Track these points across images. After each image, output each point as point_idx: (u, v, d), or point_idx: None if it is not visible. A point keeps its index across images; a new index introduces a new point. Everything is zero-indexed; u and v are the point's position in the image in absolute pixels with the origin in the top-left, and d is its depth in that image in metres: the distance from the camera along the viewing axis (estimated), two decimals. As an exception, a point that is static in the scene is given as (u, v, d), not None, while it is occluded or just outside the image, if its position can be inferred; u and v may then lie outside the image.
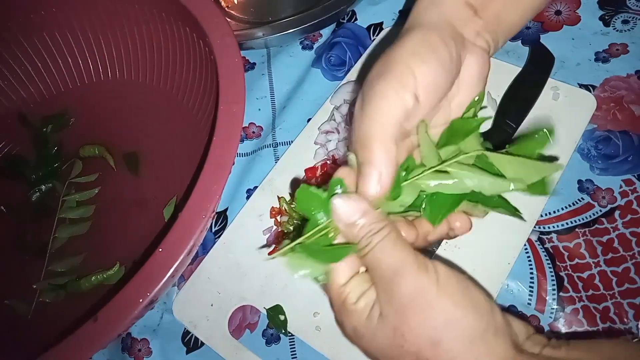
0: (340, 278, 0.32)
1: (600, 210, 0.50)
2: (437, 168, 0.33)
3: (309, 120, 0.62)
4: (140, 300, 0.38)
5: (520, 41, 0.60)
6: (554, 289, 0.47)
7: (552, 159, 0.32)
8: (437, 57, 0.33)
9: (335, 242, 0.33)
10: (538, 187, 0.32)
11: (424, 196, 0.34)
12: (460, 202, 0.33)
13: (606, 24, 0.59)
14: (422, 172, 0.33)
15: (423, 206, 0.34)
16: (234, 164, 0.43)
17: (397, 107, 0.32)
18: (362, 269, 0.33)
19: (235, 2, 0.76)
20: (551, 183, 0.32)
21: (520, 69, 0.57)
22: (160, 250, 0.40)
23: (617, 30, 0.59)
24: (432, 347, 0.29)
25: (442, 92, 0.34)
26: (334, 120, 0.59)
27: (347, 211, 0.31)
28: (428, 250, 0.50)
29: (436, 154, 0.33)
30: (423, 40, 0.34)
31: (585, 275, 0.48)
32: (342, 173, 0.33)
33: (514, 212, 0.34)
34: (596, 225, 0.50)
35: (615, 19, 0.59)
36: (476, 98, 0.36)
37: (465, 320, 0.29)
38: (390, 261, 0.30)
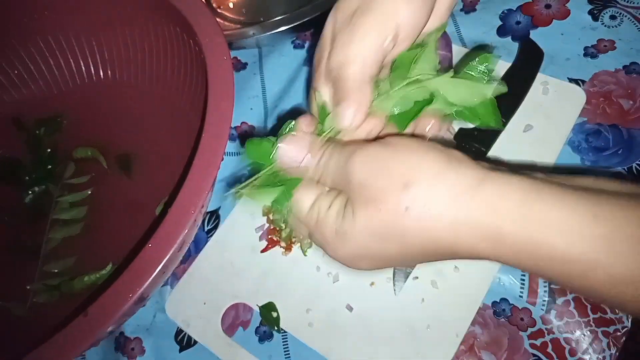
0: (305, 204, 0.32)
1: (591, 203, 0.50)
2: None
3: (300, 118, 0.62)
4: (130, 296, 0.38)
5: (510, 37, 0.60)
6: (545, 281, 0.48)
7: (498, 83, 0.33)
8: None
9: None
10: (487, 117, 0.33)
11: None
12: (424, 106, 0.33)
13: (595, 18, 0.60)
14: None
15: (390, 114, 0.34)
16: (223, 159, 0.43)
17: (378, 46, 0.31)
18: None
19: (231, 4, 0.77)
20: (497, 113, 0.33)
21: (510, 64, 0.57)
22: (149, 245, 0.40)
23: (605, 26, 0.59)
24: (405, 192, 0.28)
25: (420, 30, 0.34)
26: (325, 117, 0.59)
27: (291, 156, 0.32)
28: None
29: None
30: None
31: (576, 267, 0.48)
32: (300, 119, 0.34)
33: (494, 118, 0.34)
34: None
35: (604, 14, 0.60)
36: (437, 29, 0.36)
37: (426, 158, 0.29)
38: (343, 155, 0.31)
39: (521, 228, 0.27)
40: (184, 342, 0.52)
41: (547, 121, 0.55)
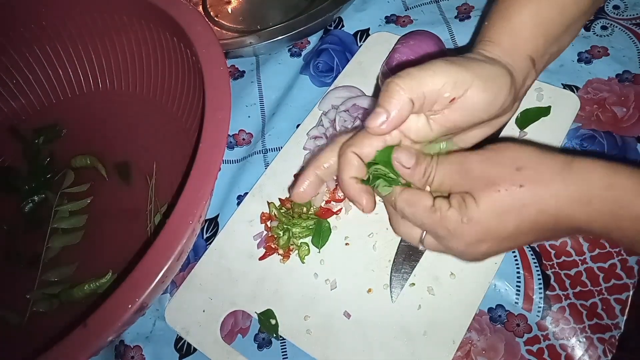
0: (428, 201, 0.37)
1: (586, 208, 0.51)
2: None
3: (298, 126, 0.62)
4: (130, 306, 0.39)
5: (504, 44, 0.61)
6: (540, 288, 0.48)
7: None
8: (493, 96, 0.38)
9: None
10: None
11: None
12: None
13: (587, 28, 0.61)
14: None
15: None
16: (220, 169, 0.44)
17: (435, 85, 0.36)
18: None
19: (229, 11, 0.77)
20: None
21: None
22: (149, 255, 0.40)
23: (597, 35, 0.60)
24: (518, 173, 0.35)
25: (475, 120, 0.39)
26: (322, 125, 0.60)
27: (403, 161, 0.38)
28: (418, 250, 0.51)
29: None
30: (495, 74, 0.38)
31: (572, 272, 0.49)
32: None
33: None
34: (582, 222, 0.50)
35: (595, 24, 0.60)
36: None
37: (526, 150, 0.36)
38: (453, 160, 0.38)
39: (608, 193, 0.34)
40: (184, 349, 0.53)
41: (541, 127, 0.55)
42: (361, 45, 0.68)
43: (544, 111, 0.55)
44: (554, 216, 0.35)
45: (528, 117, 0.55)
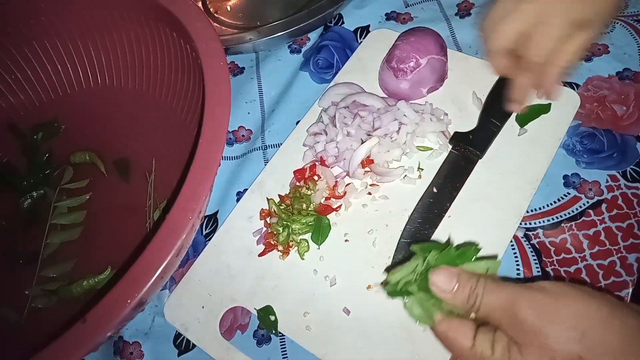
0: (466, 341, 0.35)
1: (588, 202, 0.51)
2: None
3: (297, 122, 0.62)
4: (129, 302, 0.39)
5: (504, 41, 0.61)
6: (540, 284, 0.48)
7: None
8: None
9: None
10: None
11: None
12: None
13: (587, 24, 0.60)
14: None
15: None
16: (219, 164, 0.43)
17: None
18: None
19: (228, 8, 0.77)
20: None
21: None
22: (148, 250, 0.40)
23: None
24: (582, 340, 0.31)
25: None
26: (322, 122, 0.60)
27: (442, 284, 0.35)
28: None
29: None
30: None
31: (572, 269, 0.49)
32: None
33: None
34: (583, 218, 0.51)
35: (596, 20, 0.60)
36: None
37: (592, 306, 0.32)
38: (503, 296, 0.34)
39: None
40: (183, 346, 0.53)
41: (541, 124, 0.55)
42: (361, 42, 0.67)
43: (544, 108, 0.55)
44: None
45: (528, 115, 0.55)
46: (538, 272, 0.49)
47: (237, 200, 0.59)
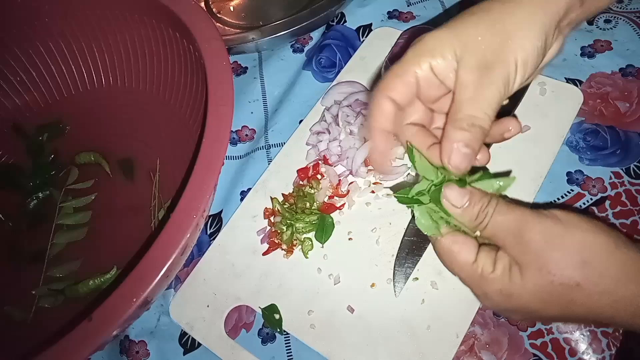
0: (470, 256, 0.34)
1: (591, 199, 0.51)
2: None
3: (300, 121, 0.62)
4: (134, 300, 0.39)
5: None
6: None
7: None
8: (537, 43, 0.33)
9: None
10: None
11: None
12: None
13: (590, 22, 0.60)
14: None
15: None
16: (223, 163, 0.44)
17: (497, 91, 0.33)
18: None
19: (231, 8, 0.77)
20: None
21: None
22: (153, 249, 0.40)
23: (601, 29, 0.60)
24: (582, 268, 0.31)
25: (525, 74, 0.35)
26: (325, 121, 0.60)
27: (453, 199, 0.34)
28: (421, 245, 0.51)
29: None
30: (532, 24, 0.33)
31: (575, 266, 0.49)
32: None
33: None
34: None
35: (598, 18, 0.60)
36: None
37: (599, 239, 0.32)
38: (512, 217, 0.34)
39: None
40: (188, 344, 0.53)
41: (544, 121, 0.55)
42: (363, 40, 0.68)
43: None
44: (609, 319, 0.33)
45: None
46: (542, 269, 0.49)
47: (241, 199, 0.60)
